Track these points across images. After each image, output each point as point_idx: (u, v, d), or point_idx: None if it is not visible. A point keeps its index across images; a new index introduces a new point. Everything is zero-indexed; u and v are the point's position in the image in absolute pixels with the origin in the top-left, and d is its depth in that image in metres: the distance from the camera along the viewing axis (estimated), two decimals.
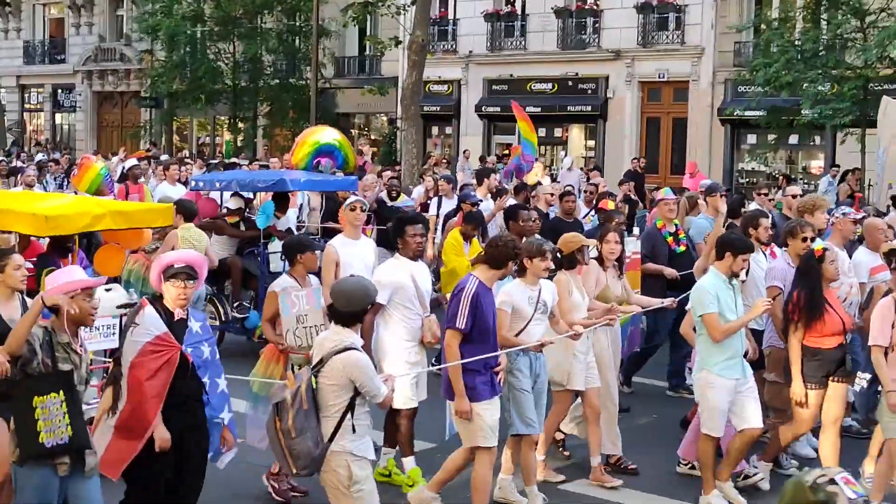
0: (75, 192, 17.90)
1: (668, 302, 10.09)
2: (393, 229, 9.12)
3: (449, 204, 16.31)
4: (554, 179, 21.56)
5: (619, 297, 9.60)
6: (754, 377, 8.55)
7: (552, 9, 33.33)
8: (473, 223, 12.07)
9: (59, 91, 48.62)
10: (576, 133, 34.93)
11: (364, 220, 10.21)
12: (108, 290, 9.69)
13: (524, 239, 8.95)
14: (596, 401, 9.00)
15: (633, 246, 11.25)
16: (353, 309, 6.60)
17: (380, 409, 7.03)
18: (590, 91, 33.14)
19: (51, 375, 6.25)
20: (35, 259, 10.03)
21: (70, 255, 10.13)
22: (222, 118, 41.33)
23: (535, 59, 33.77)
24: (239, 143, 39.05)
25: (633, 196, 19.41)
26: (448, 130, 37.13)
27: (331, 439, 6.46)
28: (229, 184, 14.33)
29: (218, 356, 7.31)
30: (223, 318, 13.39)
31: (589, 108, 33.04)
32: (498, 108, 34.57)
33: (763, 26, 26.18)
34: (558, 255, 8.90)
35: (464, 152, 31.17)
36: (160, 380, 6.70)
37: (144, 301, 6.96)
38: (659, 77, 31.90)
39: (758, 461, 9.03)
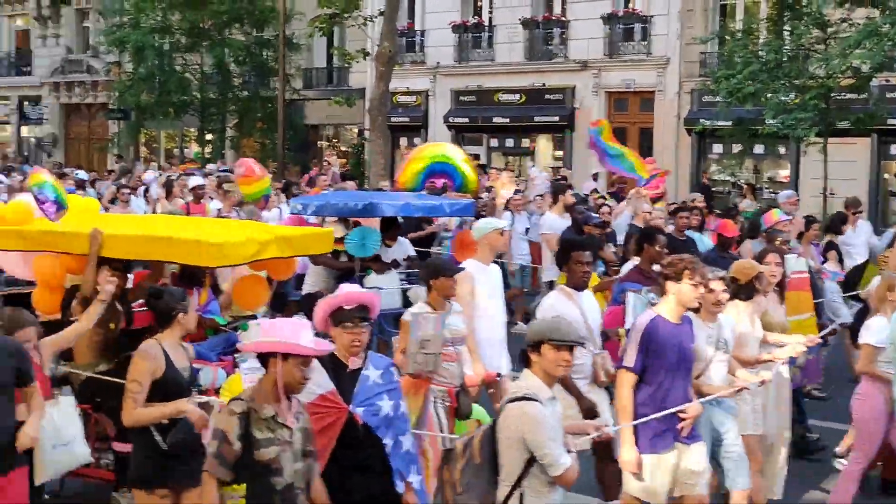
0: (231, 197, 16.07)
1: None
2: (558, 254, 8.47)
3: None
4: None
5: (781, 323, 8.83)
6: None
7: (519, 20, 33.43)
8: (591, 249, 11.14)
9: (26, 103, 48.31)
10: (543, 143, 35.02)
11: None
12: (256, 324, 8.50)
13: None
14: (757, 448, 8.15)
15: (796, 265, 10.43)
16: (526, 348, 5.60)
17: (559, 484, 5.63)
18: (557, 101, 33.27)
19: (238, 467, 5.30)
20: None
21: (199, 288, 9.01)
22: (191, 130, 41.21)
23: (502, 70, 33.87)
24: (207, 155, 38.97)
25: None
26: (416, 141, 37.09)
27: None
28: (321, 207, 12.86)
29: (403, 409, 6.20)
30: None
31: (556, 119, 33.11)
32: (466, 119, 34.69)
33: (727, 37, 26.35)
34: (731, 283, 7.95)
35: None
36: (320, 444, 5.74)
37: None
38: (625, 87, 32.04)
39: None
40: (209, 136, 39.53)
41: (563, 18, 33.18)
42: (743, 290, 8.11)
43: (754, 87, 23.03)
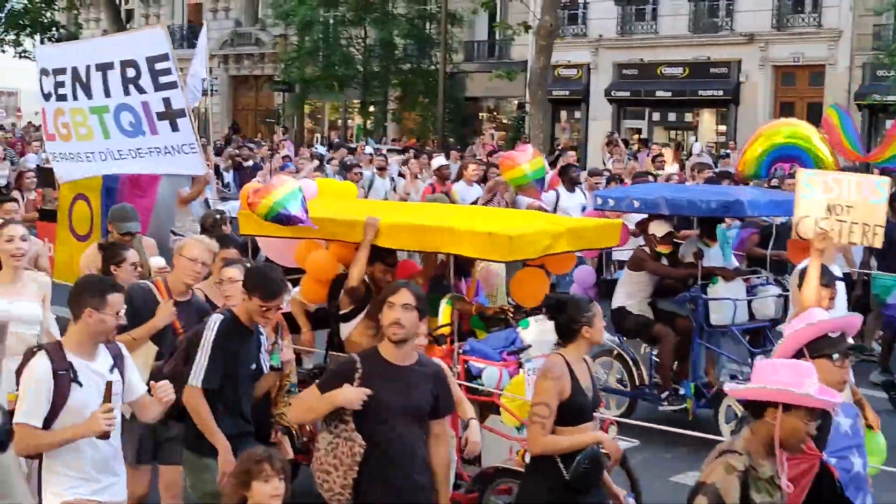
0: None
1: None
2: None
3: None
4: (682, 167, 21.27)
5: None
6: None
7: None
8: None
9: None
10: (706, 118, 34.44)
11: None
12: (536, 320, 7.62)
13: None
14: None
15: None
16: None
17: None
18: (722, 75, 32.63)
19: None
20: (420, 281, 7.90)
21: (468, 279, 8.27)
22: (354, 102, 41.92)
23: (665, 43, 33.40)
24: (369, 127, 39.64)
25: None
26: (577, 115, 36.97)
27: None
28: (653, 203, 9.99)
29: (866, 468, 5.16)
30: (637, 382, 10.09)
31: (721, 93, 32.54)
32: (628, 93, 34.37)
33: None
34: None
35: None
36: (790, 497, 4.68)
37: None
38: (794, 61, 31.25)
39: None
40: (371, 109, 40.15)
41: None
42: None
43: None
